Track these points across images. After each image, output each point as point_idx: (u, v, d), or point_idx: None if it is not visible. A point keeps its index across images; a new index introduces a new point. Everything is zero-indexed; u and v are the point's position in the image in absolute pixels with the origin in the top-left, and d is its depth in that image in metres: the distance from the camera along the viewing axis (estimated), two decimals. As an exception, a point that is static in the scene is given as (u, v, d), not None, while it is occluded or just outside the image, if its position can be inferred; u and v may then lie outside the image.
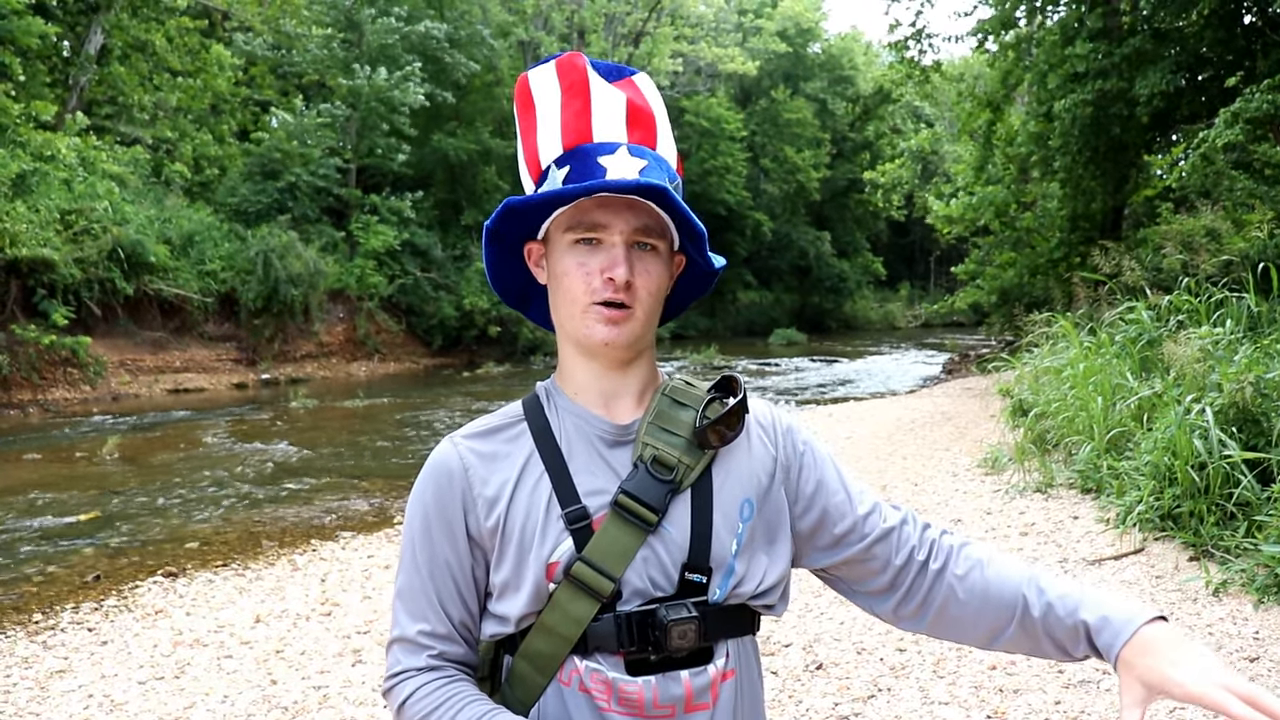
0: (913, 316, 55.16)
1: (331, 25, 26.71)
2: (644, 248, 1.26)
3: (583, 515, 1.24)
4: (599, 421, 1.30)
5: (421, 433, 13.88)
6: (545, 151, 1.32)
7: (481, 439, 1.32)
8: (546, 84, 1.32)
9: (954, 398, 15.61)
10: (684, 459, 1.26)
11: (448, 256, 28.25)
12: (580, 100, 1.29)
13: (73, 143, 18.80)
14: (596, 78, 1.31)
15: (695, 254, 1.33)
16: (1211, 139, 9.80)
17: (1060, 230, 17.83)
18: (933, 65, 20.49)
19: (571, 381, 1.34)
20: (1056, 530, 6.12)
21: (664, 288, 1.30)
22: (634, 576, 1.23)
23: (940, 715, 3.65)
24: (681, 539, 1.25)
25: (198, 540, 7.73)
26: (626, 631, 1.22)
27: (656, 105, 1.34)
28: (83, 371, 17.48)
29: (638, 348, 1.30)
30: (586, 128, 1.29)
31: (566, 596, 1.22)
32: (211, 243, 22.01)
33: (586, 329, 1.25)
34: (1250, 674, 3.72)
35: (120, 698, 4.35)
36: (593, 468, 1.28)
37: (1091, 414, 7.34)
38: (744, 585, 1.27)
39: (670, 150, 1.34)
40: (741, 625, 1.30)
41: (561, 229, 1.27)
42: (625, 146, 1.28)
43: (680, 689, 1.23)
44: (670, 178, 1.30)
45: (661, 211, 1.26)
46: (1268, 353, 5.97)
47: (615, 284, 1.22)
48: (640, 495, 1.24)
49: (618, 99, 1.30)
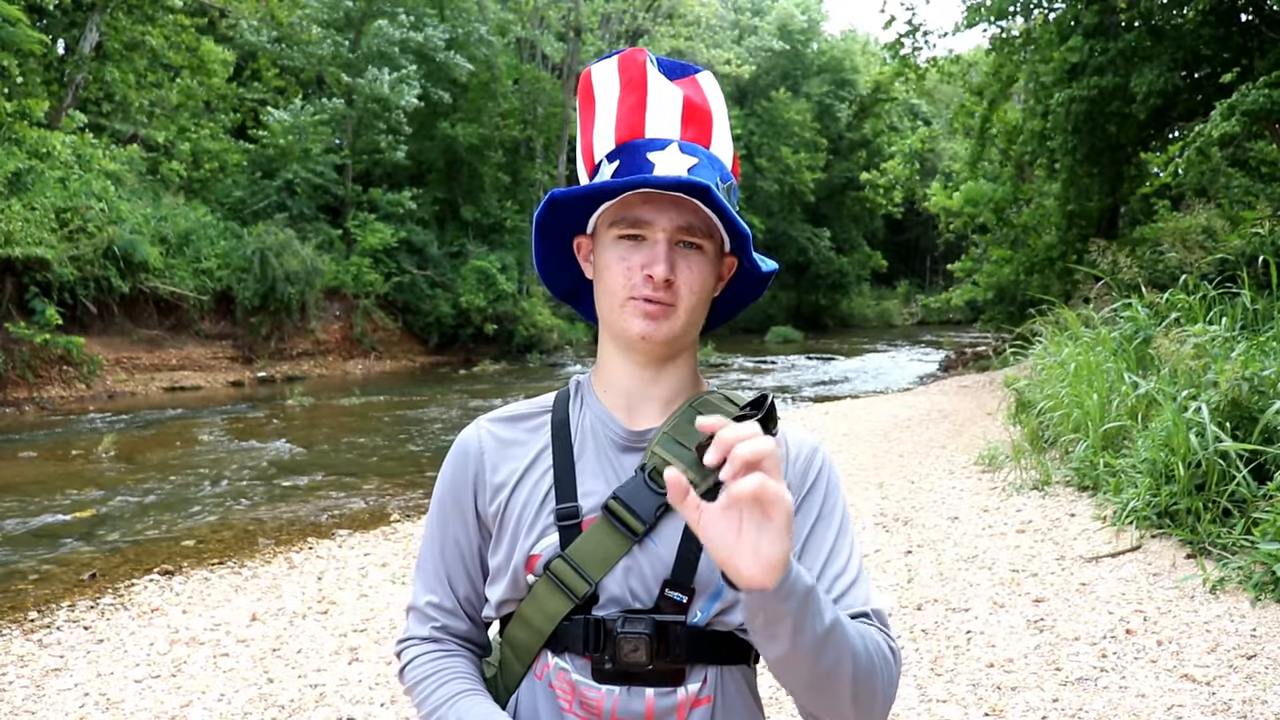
0: (909, 314, 55.29)
1: (330, 24, 26.68)
2: (689, 246, 1.23)
3: (574, 514, 1.24)
4: (615, 424, 1.30)
5: (418, 431, 13.87)
6: (599, 145, 1.31)
7: (505, 424, 1.35)
8: (607, 78, 1.32)
9: (951, 395, 15.62)
10: (687, 474, 1.19)
11: (444, 254, 28.23)
12: (636, 95, 1.29)
13: (68, 140, 18.75)
14: (656, 74, 1.30)
15: (741, 256, 1.30)
16: (1208, 131, 9.81)
17: (1057, 228, 17.87)
18: (929, 62, 20.51)
19: (604, 378, 1.33)
20: (1054, 528, 6.13)
21: (708, 288, 1.27)
22: (612, 583, 1.22)
23: (938, 713, 3.65)
24: (667, 555, 1.22)
25: (194, 538, 7.71)
26: (594, 636, 1.21)
27: (716, 104, 1.33)
28: (78, 370, 17.44)
29: (675, 346, 1.27)
30: (640, 123, 1.28)
31: (544, 591, 1.23)
32: (208, 241, 21.96)
33: (624, 323, 1.24)
34: (1247, 671, 3.72)
35: (116, 696, 4.34)
36: (598, 469, 1.27)
37: (1088, 410, 7.35)
38: (732, 614, 1.22)
39: (726, 150, 1.32)
40: (727, 654, 1.24)
41: (607, 224, 1.26)
42: (677, 143, 1.26)
43: (641, 706, 1.20)
44: (723, 178, 1.28)
45: (709, 211, 1.23)
46: (1264, 349, 5.97)
47: (654, 281, 1.21)
48: (630, 504, 1.22)
49: (674, 96, 1.29)
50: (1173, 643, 4.07)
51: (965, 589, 5.13)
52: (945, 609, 4.85)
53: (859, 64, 53.80)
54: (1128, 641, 4.15)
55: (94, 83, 21.61)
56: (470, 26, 29.31)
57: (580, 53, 34.34)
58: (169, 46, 22.98)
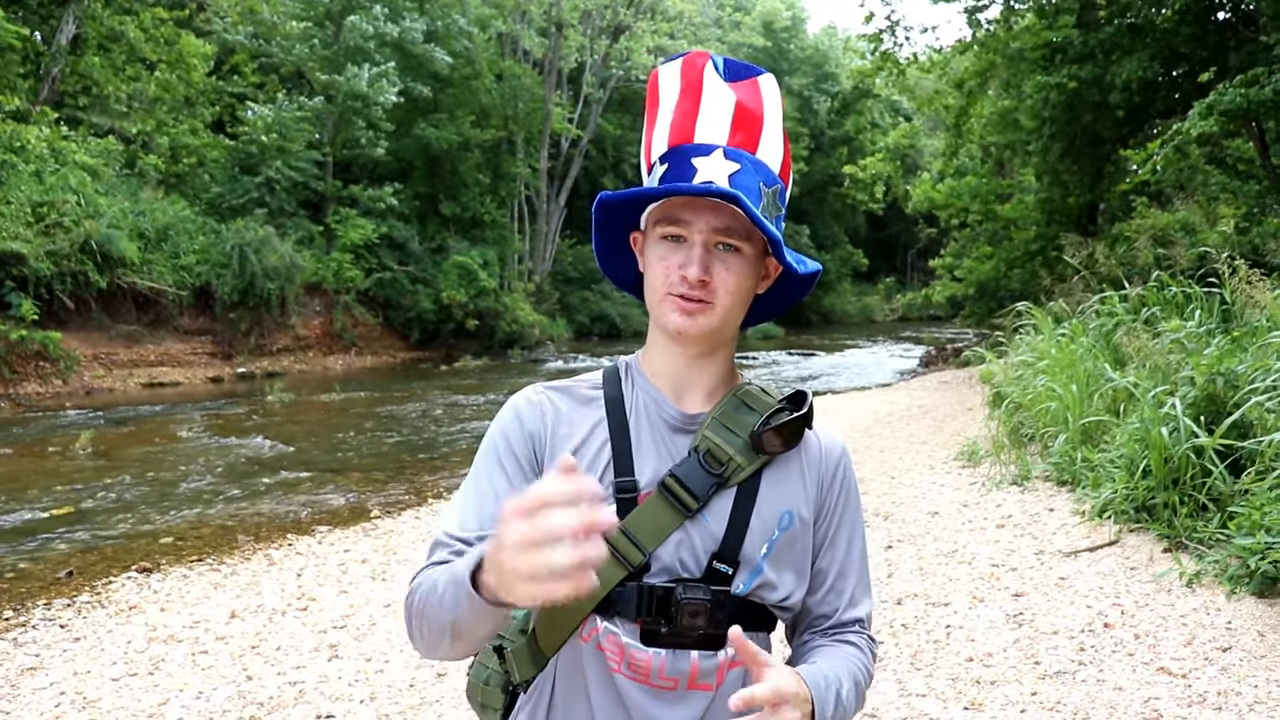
0: (890, 310, 55.49)
1: (309, 20, 26.50)
2: (727, 249, 1.30)
3: (631, 488, 1.31)
4: (669, 406, 1.37)
5: (398, 427, 13.83)
6: (656, 146, 1.37)
7: (561, 395, 1.40)
8: (671, 80, 1.38)
9: (931, 391, 15.69)
10: (737, 458, 1.32)
11: (425, 250, 28.12)
12: (691, 100, 1.35)
13: (42, 133, 18.57)
14: (714, 77, 1.35)
15: (778, 258, 1.35)
16: (1186, 130, 9.88)
17: (1037, 224, 17.96)
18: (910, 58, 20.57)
19: (652, 363, 1.41)
20: (1033, 522, 6.16)
21: (747, 287, 1.34)
22: (665, 554, 1.29)
23: (917, 707, 3.67)
24: (717, 530, 1.31)
25: (173, 535, 7.66)
26: (646, 602, 1.28)
27: (770, 108, 1.37)
28: (55, 365, 17.29)
29: (712, 341, 1.36)
30: (690, 127, 1.34)
31: None
32: (187, 236, 21.80)
33: (663, 317, 1.32)
34: (1223, 663, 3.75)
35: (93, 694, 4.30)
36: (653, 447, 1.35)
37: (1065, 404, 7.40)
38: (768, 591, 1.33)
39: (775, 153, 1.36)
40: (759, 622, 1.36)
41: (653, 223, 1.33)
42: (722, 149, 1.32)
43: (687, 666, 1.29)
44: (767, 182, 1.33)
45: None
46: (1240, 345, 6.01)
47: (689, 281, 1.28)
48: (686, 482, 1.30)
49: (728, 100, 1.34)
50: (1150, 636, 4.10)
51: (945, 584, 5.16)
52: (925, 604, 4.87)
53: (840, 59, 53.92)
54: (1105, 635, 4.18)
55: (71, 75, 21.41)
56: (450, 19, 29.17)
57: (561, 48, 34.28)
58: (146, 40, 22.77)
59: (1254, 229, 10.94)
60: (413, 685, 4.22)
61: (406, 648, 4.68)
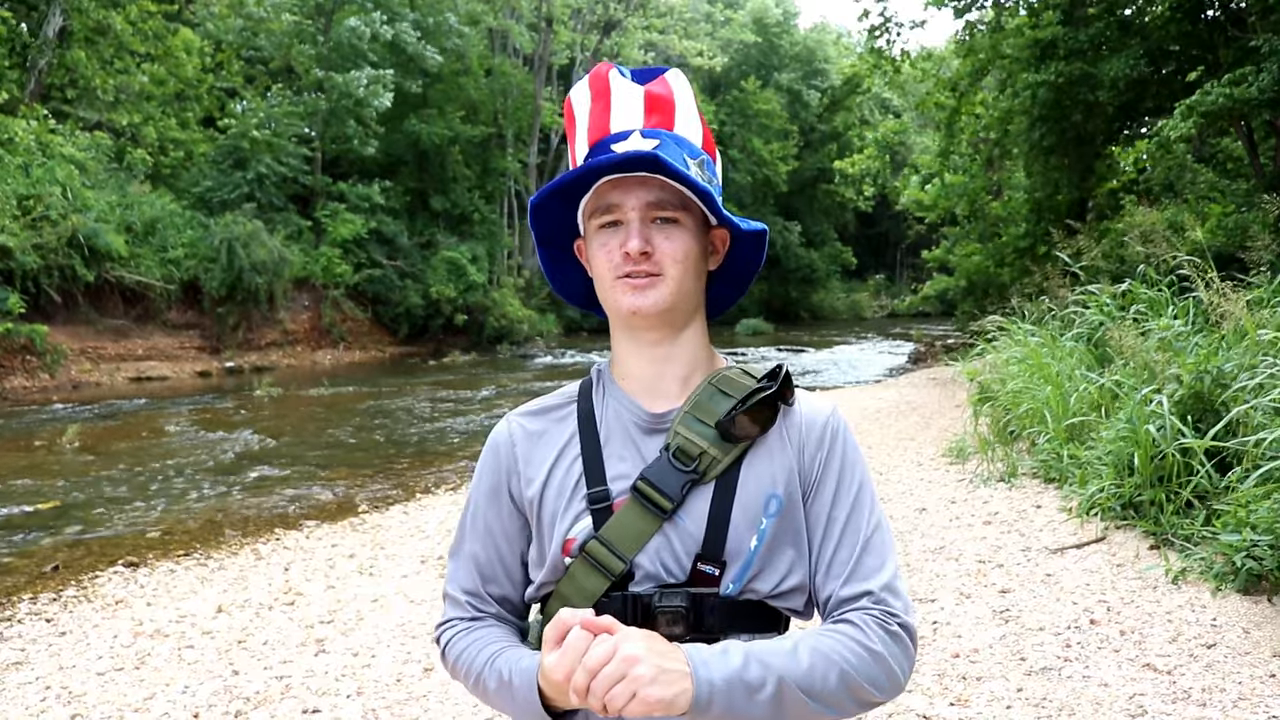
0: (879, 307, 55.57)
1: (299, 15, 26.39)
2: (665, 222, 1.28)
3: (604, 497, 1.30)
4: (636, 409, 1.35)
5: (386, 422, 13.80)
6: (579, 153, 1.37)
7: (533, 418, 1.41)
8: (582, 95, 1.39)
9: (920, 388, 15.73)
10: (711, 450, 1.28)
11: (414, 245, 28.08)
12: (602, 102, 1.35)
13: (29, 127, 18.45)
14: (619, 78, 1.36)
15: (711, 216, 1.34)
16: (1166, 131, 9.93)
17: (1026, 221, 18.00)
18: (903, 55, 20.61)
19: (620, 365, 1.39)
20: (1020, 519, 6.18)
21: (694, 255, 1.31)
22: (646, 560, 1.27)
23: (903, 703, 3.67)
24: (696, 530, 1.27)
25: (159, 530, 7.63)
26: (631, 611, 1.25)
27: (681, 94, 1.37)
28: (42, 359, 17.21)
29: (671, 319, 1.32)
30: (605, 122, 1.34)
31: (581, 571, 1.29)
32: (175, 230, 21.73)
33: (616, 301, 1.30)
34: (1207, 660, 3.77)
35: (78, 689, 4.28)
36: (624, 453, 1.33)
37: (1049, 401, 7.42)
38: (759, 582, 1.28)
39: (693, 130, 1.36)
40: (760, 623, 1.29)
41: (588, 218, 1.33)
42: (638, 131, 1.32)
43: None
44: (691, 154, 1.32)
45: (678, 185, 1.28)
46: (1227, 343, 6.03)
47: (631, 257, 1.26)
48: (657, 482, 1.27)
49: (636, 93, 1.35)
50: (1135, 632, 4.12)
51: (932, 580, 5.17)
52: (912, 599, 4.87)
53: (830, 55, 53.96)
54: (1091, 631, 4.19)
55: (59, 68, 21.27)
56: (441, 16, 29.11)
57: (552, 44, 34.21)
58: (134, 33, 22.64)
59: (1233, 225, 10.89)
60: (399, 680, 4.21)
61: (393, 642, 4.68)
